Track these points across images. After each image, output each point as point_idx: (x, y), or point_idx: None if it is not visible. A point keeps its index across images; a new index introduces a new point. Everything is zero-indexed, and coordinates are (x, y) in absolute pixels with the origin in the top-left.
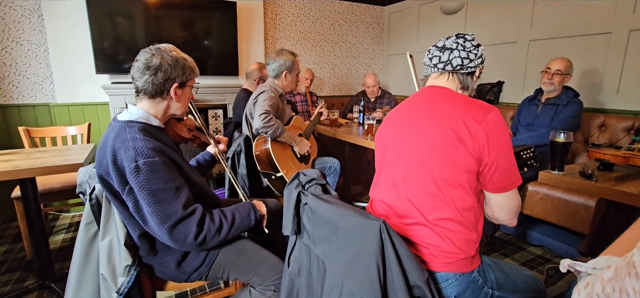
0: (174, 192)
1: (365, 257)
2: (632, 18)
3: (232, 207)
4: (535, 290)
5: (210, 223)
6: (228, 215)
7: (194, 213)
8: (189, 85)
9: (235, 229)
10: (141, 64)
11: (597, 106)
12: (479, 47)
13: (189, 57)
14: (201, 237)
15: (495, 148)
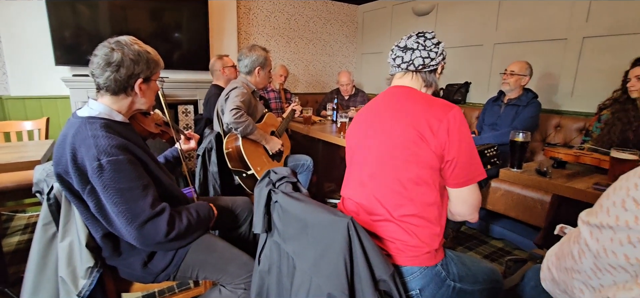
0: (142, 190)
1: (333, 253)
2: (586, 26)
3: (193, 204)
4: (493, 281)
5: (180, 223)
6: (193, 213)
7: (164, 212)
8: (154, 78)
9: (201, 225)
10: (100, 59)
11: (554, 108)
12: (439, 44)
13: (152, 50)
14: (172, 235)
15: (456, 144)
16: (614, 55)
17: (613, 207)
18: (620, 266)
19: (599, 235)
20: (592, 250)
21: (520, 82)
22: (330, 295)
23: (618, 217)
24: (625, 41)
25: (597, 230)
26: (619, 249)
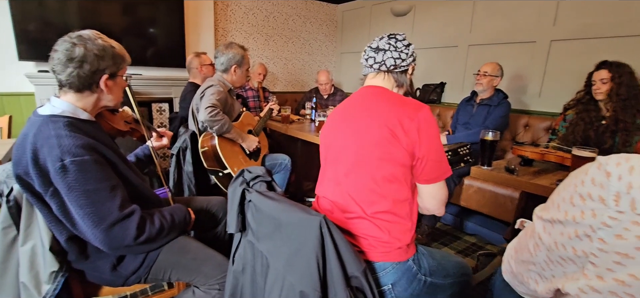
0: (109, 191)
1: (306, 251)
2: (553, 29)
3: (169, 208)
4: (463, 274)
5: (151, 226)
6: (167, 216)
7: (133, 214)
8: (121, 74)
9: (175, 229)
10: (61, 55)
11: (523, 108)
12: (409, 46)
13: (117, 44)
14: (142, 238)
15: (426, 142)
16: (579, 58)
17: (562, 202)
18: (569, 258)
19: (551, 229)
20: (545, 244)
21: (493, 83)
22: (303, 292)
23: (567, 212)
24: (589, 45)
25: (549, 225)
26: (568, 243)
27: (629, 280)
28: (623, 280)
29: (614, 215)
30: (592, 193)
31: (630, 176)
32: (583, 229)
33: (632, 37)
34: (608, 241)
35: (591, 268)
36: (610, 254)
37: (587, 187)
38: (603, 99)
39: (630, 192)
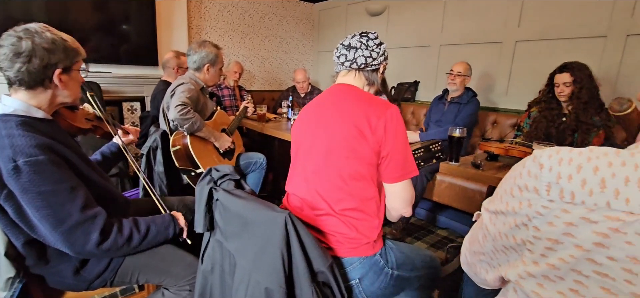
0: (69, 192)
1: (271, 248)
2: (518, 31)
3: (150, 218)
4: (431, 267)
5: (118, 235)
6: (141, 227)
7: (96, 218)
8: (76, 68)
9: (148, 243)
10: (7, 50)
11: (491, 105)
12: (381, 45)
13: (69, 37)
14: (105, 246)
15: (392, 141)
16: (541, 57)
17: (504, 194)
18: (511, 247)
19: (496, 220)
20: (491, 234)
21: (465, 82)
22: (268, 289)
23: (508, 203)
24: (550, 45)
25: (494, 216)
26: (509, 232)
27: (558, 263)
28: (553, 263)
29: (546, 204)
30: (528, 185)
31: (559, 167)
32: (521, 219)
33: (589, 39)
34: (541, 229)
35: (528, 254)
36: (543, 240)
37: (524, 178)
38: (566, 101)
39: (559, 182)
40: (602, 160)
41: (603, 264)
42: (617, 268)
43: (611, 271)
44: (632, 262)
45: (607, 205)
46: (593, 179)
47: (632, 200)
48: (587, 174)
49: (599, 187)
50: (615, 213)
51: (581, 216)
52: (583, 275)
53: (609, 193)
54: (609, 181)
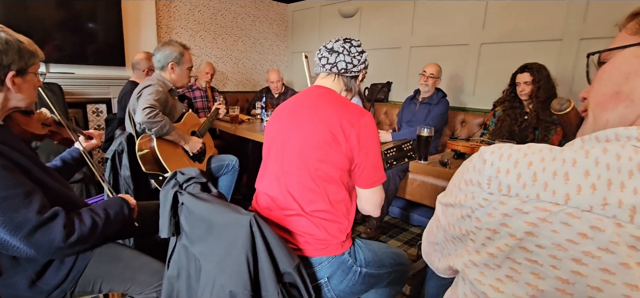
0: (23, 198)
1: (236, 251)
2: (483, 33)
3: (104, 202)
4: (399, 264)
5: (81, 225)
6: (99, 211)
7: (56, 217)
8: (32, 71)
9: (111, 224)
10: None
11: (460, 105)
12: (362, 53)
13: (26, 39)
14: (73, 239)
15: (365, 149)
16: (504, 59)
17: (454, 188)
18: (458, 237)
19: (446, 212)
20: (443, 225)
21: (436, 84)
22: (233, 292)
23: (456, 196)
24: (512, 47)
25: (445, 208)
26: (456, 223)
27: (495, 252)
28: (492, 252)
29: (486, 196)
30: (472, 179)
31: (499, 162)
32: (466, 210)
33: (547, 42)
34: (482, 219)
35: (471, 244)
36: (483, 231)
37: (470, 173)
38: (526, 99)
39: (498, 176)
40: (536, 155)
41: (533, 251)
42: (545, 254)
43: (540, 257)
44: (557, 249)
45: (536, 197)
46: (527, 173)
47: (558, 191)
48: (522, 169)
49: (531, 180)
50: (543, 204)
51: (515, 207)
52: (516, 262)
53: (539, 185)
54: (540, 175)
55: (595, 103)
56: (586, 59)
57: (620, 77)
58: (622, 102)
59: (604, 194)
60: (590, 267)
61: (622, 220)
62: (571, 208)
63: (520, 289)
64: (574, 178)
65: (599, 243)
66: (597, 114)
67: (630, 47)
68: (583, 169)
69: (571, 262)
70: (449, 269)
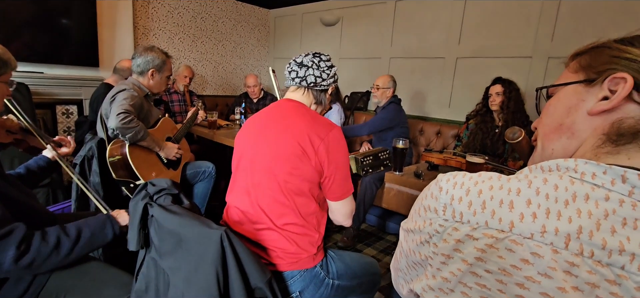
0: None
1: (205, 266)
2: (458, 48)
3: (82, 221)
4: (371, 273)
5: (42, 244)
6: (71, 232)
7: (12, 233)
8: (2, 80)
9: (82, 248)
10: None
11: (436, 116)
12: (332, 68)
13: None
14: (25, 261)
15: (334, 162)
16: (478, 73)
17: (415, 214)
18: (418, 263)
19: (407, 238)
20: (405, 251)
21: (386, 94)
22: None
23: (416, 222)
24: (487, 63)
25: (407, 234)
26: (416, 249)
27: (449, 276)
28: (446, 277)
29: (442, 223)
30: (430, 205)
31: (453, 190)
32: (424, 236)
33: (518, 58)
34: (438, 245)
35: (429, 269)
36: (439, 256)
37: (428, 200)
38: (497, 109)
39: (452, 203)
40: (486, 184)
41: (482, 276)
42: (492, 279)
43: (488, 282)
44: (502, 274)
45: (485, 224)
46: (477, 201)
47: (503, 219)
48: (473, 197)
49: (481, 208)
50: (490, 231)
51: (466, 233)
52: (467, 286)
53: (487, 213)
54: (488, 203)
55: (542, 133)
56: (535, 92)
57: (563, 111)
58: (565, 134)
59: (543, 222)
60: (531, 291)
61: (558, 247)
62: (515, 236)
63: None
64: (517, 206)
65: (539, 268)
66: (544, 144)
67: (571, 84)
68: (526, 198)
69: (515, 286)
70: (411, 293)
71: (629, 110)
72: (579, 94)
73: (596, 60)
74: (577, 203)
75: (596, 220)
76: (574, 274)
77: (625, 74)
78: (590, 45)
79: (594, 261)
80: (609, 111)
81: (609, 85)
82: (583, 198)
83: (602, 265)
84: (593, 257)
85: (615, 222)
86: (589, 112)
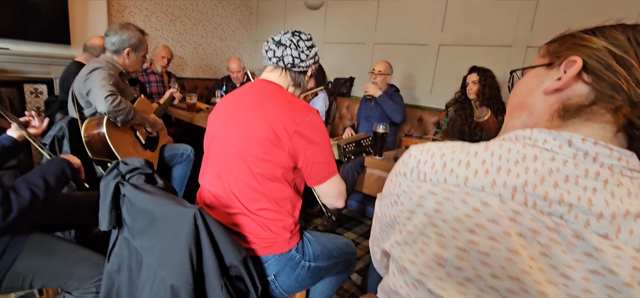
0: None
1: (179, 245)
2: (441, 35)
3: (37, 168)
4: (347, 253)
5: (19, 198)
6: (37, 180)
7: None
8: None
9: (53, 190)
10: None
11: (417, 103)
12: (312, 48)
13: None
14: (13, 215)
15: (311, 147)
16: (460, 61)
17: (388, 182)
18: (389, 224)
19: (381, 203)
20: (378, 216)
21: (386, 80)
22: (174, 287)
23: (388, 187)
24: (468, 51)
25: (380, 201)
26: (387, 211)
27: (412, 229)
28: (410, 230)
29: (409, 183)
30: (400, 171)
31: (420, 155)
32: (394, 197)
33: (498, 47)
34: (405, 203)
35: (397, 227)
36: (405, 212)
37: (399, 166)
38: (474, 98)
39: (418, 166)
40: (449, 149)
41: (439, 226)
42: (448, 227)
43: (444, 230)
44: (457, 222)
45: (444, 181)
46: (439, 163)
47: (459, 176)
48: (437, 160)
49: (442, 168)
50: (448, 186)
51: (429, 190)
52: (427, 236)
53: (446, 171)
54: (449, 163)
55: (508, 111)
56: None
57: (526, 91)
58: (525, 112)
59: (494, 177)
60: (481, 236)
61: (505, 198)
62: (469, 189)
63: (429, 260)
64: (473, 165)
65: (488, 216)
66: (508, 121)
67: (536, 67)
68: (481, 159)
69: (467, 232)
70: (383, 256)
71: (577, 89)
72: (540, 76)
73: (561, 46)
74: (526, 163)
75: (541, 176)
76: (518, 221)
77: (576, 57)
78: (561, 34)
79: (536, 211)
80: (561, 90)
81: (564, 68)
82: (532, 159)
83: (543, 214)
84: (536, 207)
85: (558, 178)
86: (544, 91)
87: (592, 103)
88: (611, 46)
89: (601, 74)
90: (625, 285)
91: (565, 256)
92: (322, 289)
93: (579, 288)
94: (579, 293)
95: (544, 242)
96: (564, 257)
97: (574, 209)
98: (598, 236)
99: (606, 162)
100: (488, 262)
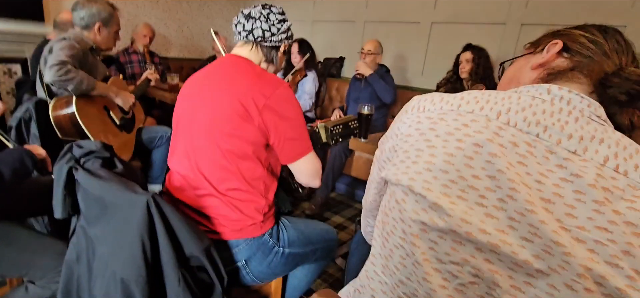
0: None
1: (129, 235)
2: (434, 13)
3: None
4: (327, 240)
5: None
6: None
7: None
8: None
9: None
10: None
11: (407, 83)
12: (284, 22)
13: None
14: None
15: (282, 122)
16: (453, 40)
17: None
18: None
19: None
20: (377, 158)
21: (376, 60)
22: (124, 281)
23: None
24: (461, 29)
25: (381, 145)
26: (387, 144)
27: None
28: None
29: (409, 116)
30: (401, 116)
31: (420, 98)
32: (393, 131)
33: (491, 25)
34: (403, 131)
35: (395, 157)
36: (403, 137)
37: (401, 114)
38: (466, 77)
39: (419, 103)
40: (447, 94)
41: (431, 140)
42: (439, 140)
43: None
44: (447, 135)
45: (440, 109)
46: (437, 98)
47: (453, 104)
48: (436, 98)
49: (439, 100)
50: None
51: (426, 116)
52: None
53: (443, 103)
54: (445, 98)
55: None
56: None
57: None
58: (513, 84)
59: (482, 105)
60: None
61: (491, 117)
62: (460, 111)
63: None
64: (466, 98)
65: (474, 128)
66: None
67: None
68: (474, 96)
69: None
70: (377, 194)
71: (558, 62)
72: (527, 58)
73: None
74: (510, 100)
75: (522, 107)
76: (500, 135)
77: (558, 40)
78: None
79: (516, 129)
80: (544, 65)
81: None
82: (516, 98)
83: (523, 132)
84: (516, 127)
85: (536, 110)
86: (531, 66)
87: (571, 69)
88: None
89: (577, 50)
90: (588, 185)
91: (540, 166)
92: (301, 276)
93: (551, 192)
94: (550, 197)
95: (521, 153)
96: (538, 167)
97: (548, 130)
98: (568, 152)
99: (578, 106)
100: (471, 164)
